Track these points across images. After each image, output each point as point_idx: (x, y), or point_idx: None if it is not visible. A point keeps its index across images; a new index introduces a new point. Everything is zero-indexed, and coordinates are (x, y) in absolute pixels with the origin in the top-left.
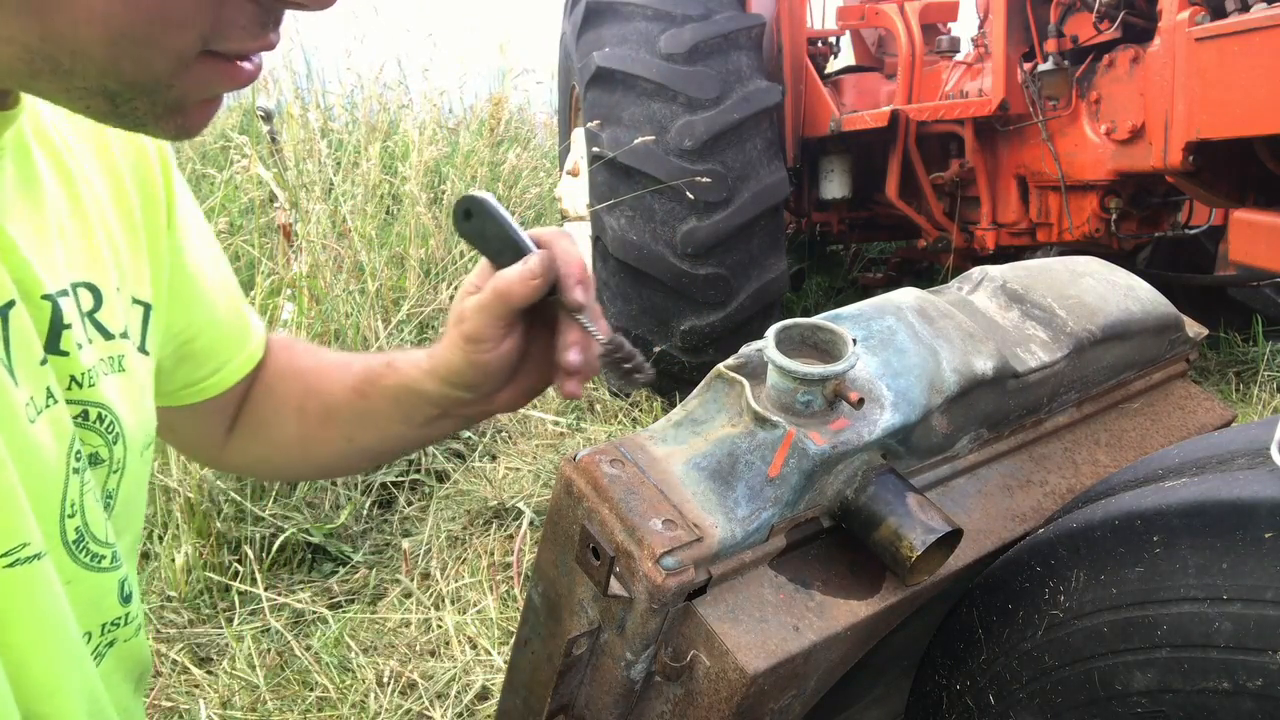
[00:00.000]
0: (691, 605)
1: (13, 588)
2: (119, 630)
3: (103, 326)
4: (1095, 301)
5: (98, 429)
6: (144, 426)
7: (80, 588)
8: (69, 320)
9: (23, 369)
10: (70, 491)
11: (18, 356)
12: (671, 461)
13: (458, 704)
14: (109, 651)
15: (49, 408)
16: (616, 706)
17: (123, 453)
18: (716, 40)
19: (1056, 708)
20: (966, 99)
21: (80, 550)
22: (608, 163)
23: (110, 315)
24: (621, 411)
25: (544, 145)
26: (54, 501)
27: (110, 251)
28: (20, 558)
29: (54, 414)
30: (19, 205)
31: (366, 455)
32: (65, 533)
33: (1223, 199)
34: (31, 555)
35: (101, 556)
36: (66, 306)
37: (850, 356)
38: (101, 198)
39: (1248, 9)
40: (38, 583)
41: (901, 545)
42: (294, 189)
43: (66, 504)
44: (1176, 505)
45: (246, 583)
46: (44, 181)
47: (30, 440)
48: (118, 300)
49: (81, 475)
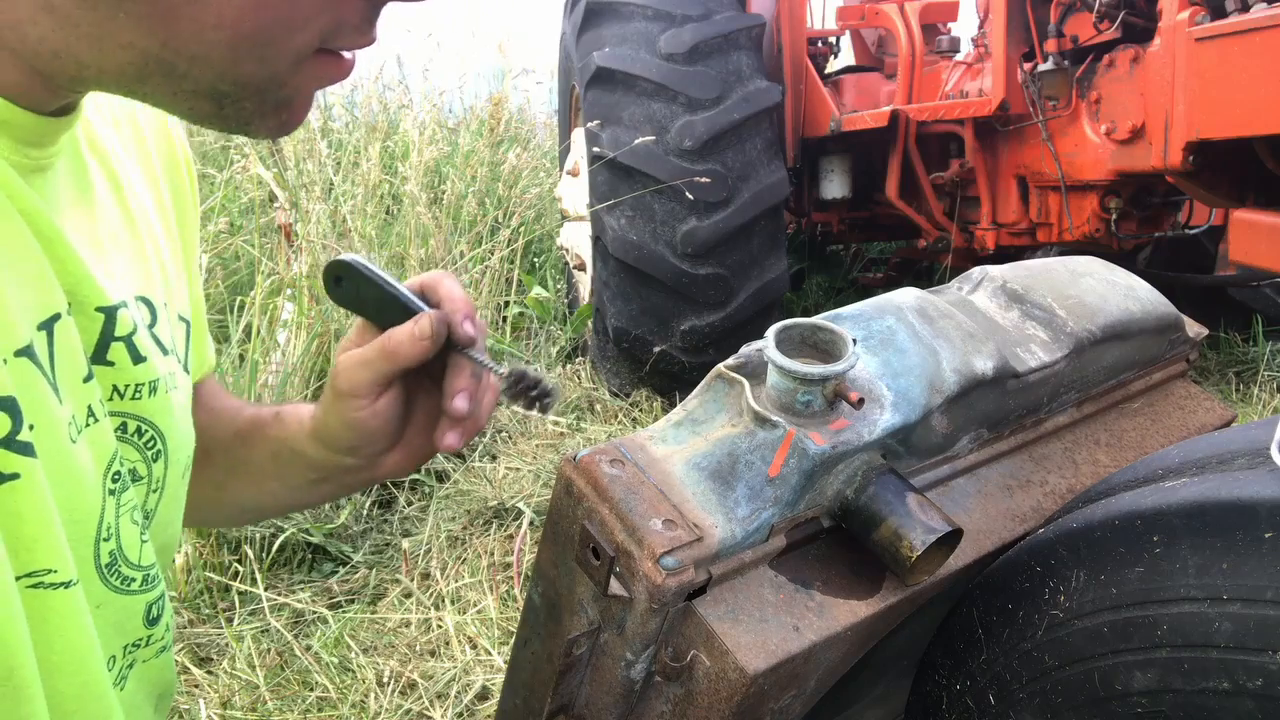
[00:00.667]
0: (691, 605)
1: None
2: (139, 651)
3: (160, 342)
4: (1095, 301)
5: (135, 443)
6: (187, 445)
7: (107, 611)
8: (123, 332)
9: (67, 386)
10: (106, 515)
11: (63, 372)
12: (671, 461)
13: (458, 704)
14: (130, 673)
15: (90, 426)
16: (616, 706)
17: (163, 471)
18: (716, 40)
19: (1056, 708)
20: (966, 99)
21: (112, 574)
22: (608, 163)
23: (164, 331)
24: (621, 411)
25: (544, 145)
26: (90, 525)
27: (159, 267)
28: (45, 582)
29: (94, 433)
30: (77, 215)
31: (230, 510)
32: (99, 556)
33: (1223, 199)
34: (59, 582)
35: (132, 580)
36: (123, 318)
37: (850, 356)
38: (149, 210)
39: (1248, 9)
40: (62, 610)
41: (902, 545)
42: (294, 189)
43: (102, 528)
44: (1177, 505)
45: (246, 583)
46: (98, 192)
47: (71, 461)
48: (167, 316)
49: (118, 497)
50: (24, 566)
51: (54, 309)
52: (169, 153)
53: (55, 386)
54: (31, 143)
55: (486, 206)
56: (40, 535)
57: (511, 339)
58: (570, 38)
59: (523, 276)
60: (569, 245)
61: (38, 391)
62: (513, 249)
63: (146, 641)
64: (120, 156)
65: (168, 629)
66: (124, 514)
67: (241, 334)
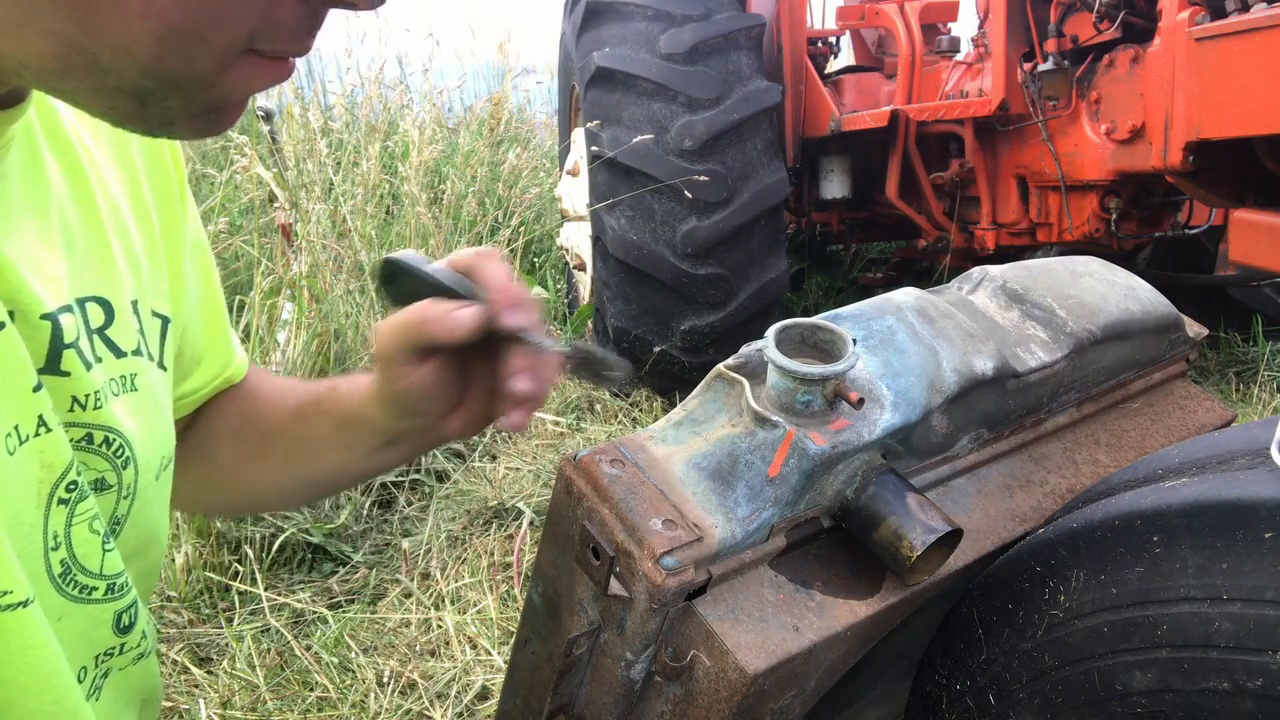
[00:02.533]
0: (691, 605)
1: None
2: (113, 660)
3: (113, 343)
4: (1095, 301)
5: (103, 453)
6: (160, 447)
7: (70, 622)
8: (70, 338)
9: (10, 398)
10: (52, 523)
11: (3, 385)
12: (671, 461)
13: (458, 704)
14: (105, 683)
15: (39, 436)
16: (616, 706)
17: (133, 477)
18: (716, 40)
19: (1056, 708)
20: (966, 99)
21: (68, 584)
22: (608, 162)
23: (122, 331)
24: (621, 411)
25: (544, 145)
26: (34, 536)
27: (128, 263)
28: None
29: (43, 443)
30: (22, 215)
31: (305, 487)
32: (50, 567)
33: (1223, 199)
34: (15, 603)
35: (92, 589)
36: (68, 324)
37: (850, 356)
38: (120, 205)
39: (1248, 9)
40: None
41: (902, 545)
42: (294, 189)
43: (48, 537)
44: (1177, 505)
45: (246, 583)
46: (53, 187)
47: (7, 474)
48: (132, 315)
49: (71, 506)
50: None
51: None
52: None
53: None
54: None
55: (486, 206)
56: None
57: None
58: (570, 38)
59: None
60: (569, 245)
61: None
62: (513, 249)
63: (120, 650)
64: (90, 147)
65: (144, 635)
66: (79, 523)
67: (241, 334)
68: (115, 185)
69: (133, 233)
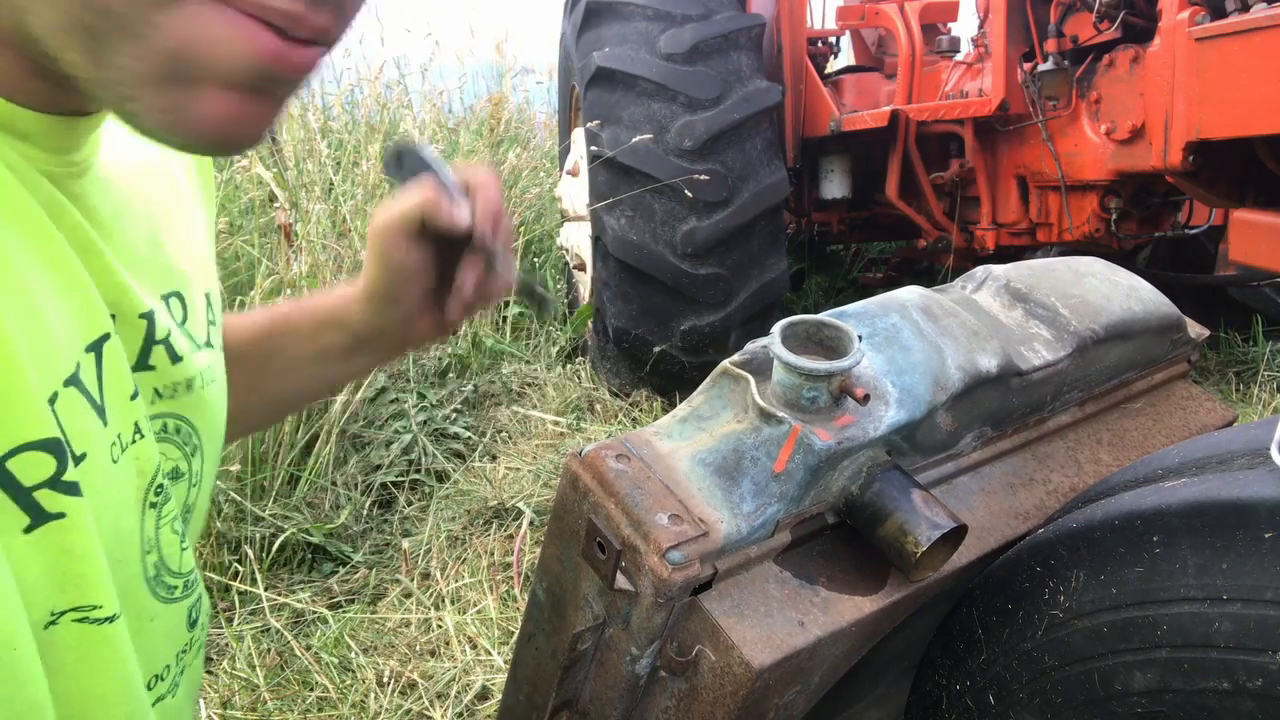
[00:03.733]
0: (697, 600)
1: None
2: (186, 656)
3: (192, 337)
4: (1098, 301)
5: (175, 440)
6: (218, 437)
7: (160, 623)
8: (162, 335)
9: (115, 407)
10: (147, 528)
11: (111, 394)
12: (677, 457)
13: (458, 704)
14: (182, 679)
15: (135, 443)
16: (621, 701)
17: (200, 465)
18: (716, 40)
19: (1056, 708)
20: (966, 99)
21: (158, 586)
22: (607, 162)
23: (196, 323)
24: (621, 411)
25: (544, 145)
26: (133, 542)
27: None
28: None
29: (139, 449)
30: (117, 216)
31: (272, 406)
32: (145, 570)
33: (1223, 199)
34: (103, 617)
35: (175, 587)
36: (162, 320)
37: (856, 353)
38: (180, 186)
39: (1248, 9)
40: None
41: (906, 541)
42: (294, 189)
43: (144, 541)
44: (1176, 505)
45: (246, 583)
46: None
47: (113, 483)
48: (205, 306)
49: (159, 509)
50: (70, 601)
51: (102, 329)
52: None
53: (102, 409)
54: (63, 149)
55: None
56: (86, 571)
57: (511, 339)
58: (570, 38)
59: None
60: (569, 245)
61: (84, 423)
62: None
63: (190, 645)
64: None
65: (203, 628)
66: (164, 524)
67: None
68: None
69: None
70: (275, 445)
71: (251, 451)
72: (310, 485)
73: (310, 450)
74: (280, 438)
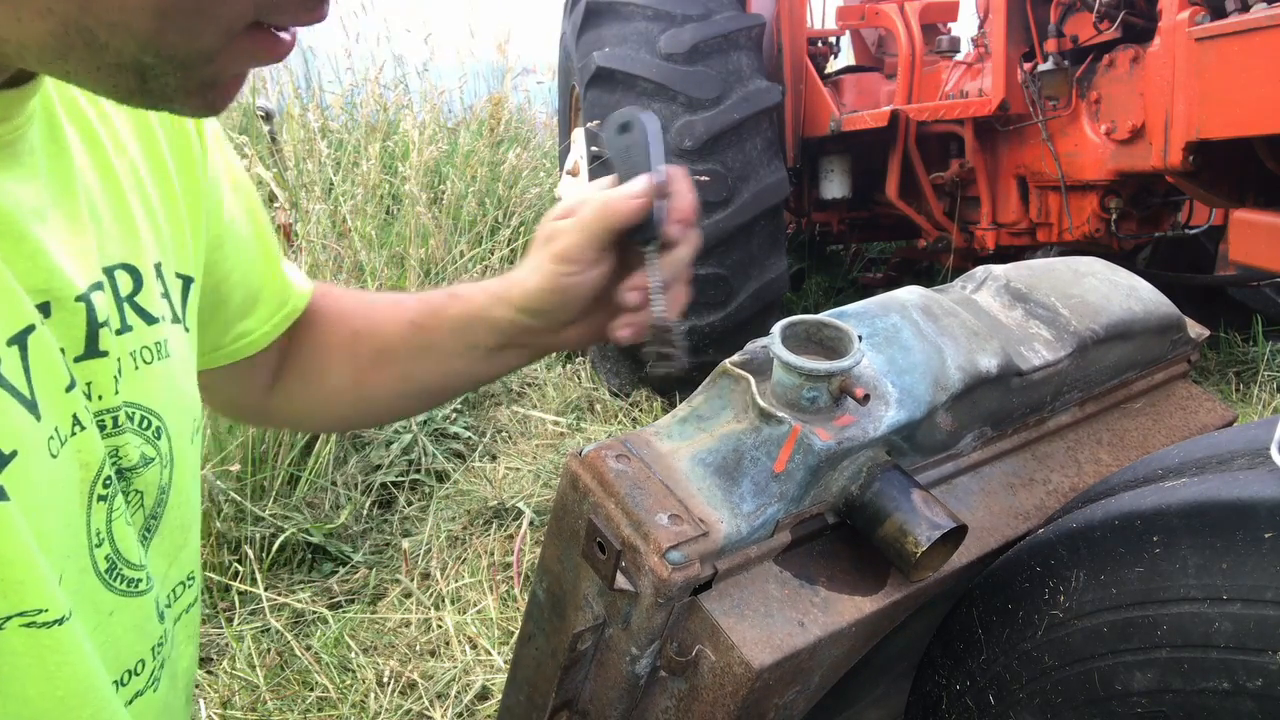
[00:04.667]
0: (697, 600)
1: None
2: (164, 649)
3: (144, 310)
4: (1098, 301)
5: (134, 428)
6: (188, 410)
7: (123, 617)
8: (103, 317)
9: (48, 400)
10: (94, 520)
11: (41, 385)
12: (677, 457)
13: (458, 704)
14: (162, 673)
15: (74, 436)
16: (621, 702)
17: (168, 445)
18: (716, 40)
19: (1056, 708)
20: (966, 99)
21: (115, 579)
22: (607, 162)
23: (150, 297)
24: (621, 412)
25: (544, 145)
26: (79, 535)
27: (149, 226)
28: (37, 622)
29: (79, 442)
30: (49, 193)
31: (424, 394)
32: (96, 564)
33: (1223, 199)
34: (51, 620)
35: (137, 580)
36: (100, 302)
37: (856, 353)
38: (139, 167)
39: (1248, 9)
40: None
41: (906, 541)
42: (294, 189)
43: (91, 535)
44: (1176, 505)
45: (246, 583)
46: (75, 159)
47: (51, 478)
48: (157, 280)
49: (109, 501)
50: (12, 607)
51: (24, 321)
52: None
53: (34, 403)
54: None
55: (486, 206)
56: (23, 576)
57: None
58: (570, 38)
59: None
60: None
61: (10, 418)
62: (513, 249)
63: (166, 638)
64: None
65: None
66: (118, 517)
67: None
68: (132, 146)
69: (152, 195)
70: (275, 445)
71: (251, 451)
72: (310, 485)
73: (310, 450)
74: (280, 437)
